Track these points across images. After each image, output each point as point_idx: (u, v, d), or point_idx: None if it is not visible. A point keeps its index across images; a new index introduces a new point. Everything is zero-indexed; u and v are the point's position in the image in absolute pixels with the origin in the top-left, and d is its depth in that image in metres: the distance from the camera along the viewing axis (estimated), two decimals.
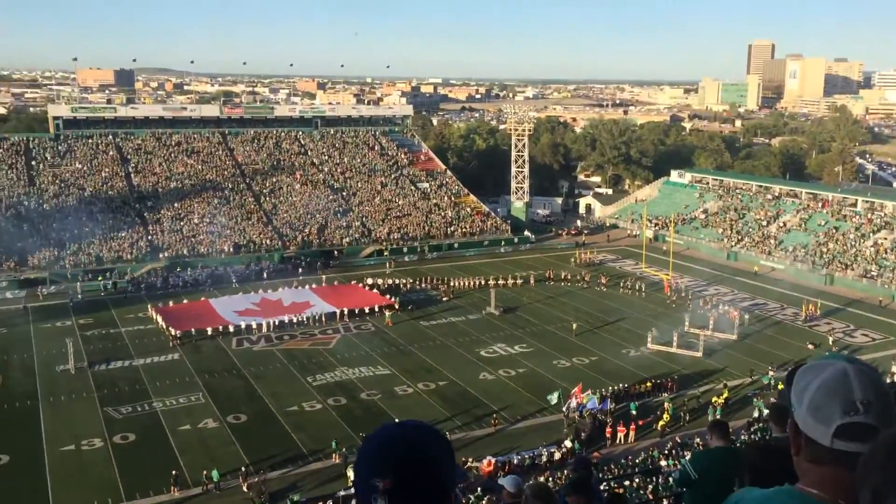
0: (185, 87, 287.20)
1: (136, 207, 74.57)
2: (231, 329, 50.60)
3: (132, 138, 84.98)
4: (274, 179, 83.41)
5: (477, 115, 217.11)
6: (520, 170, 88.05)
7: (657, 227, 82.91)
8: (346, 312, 54.21)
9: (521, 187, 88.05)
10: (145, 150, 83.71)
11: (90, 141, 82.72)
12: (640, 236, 77.67)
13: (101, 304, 57.04)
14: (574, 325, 51.27)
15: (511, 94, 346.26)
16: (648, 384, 40.91)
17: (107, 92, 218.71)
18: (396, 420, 2.52)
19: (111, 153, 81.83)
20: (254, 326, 51.05)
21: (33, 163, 77.82)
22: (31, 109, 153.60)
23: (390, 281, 63.32)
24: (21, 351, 46.49)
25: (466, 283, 62.73)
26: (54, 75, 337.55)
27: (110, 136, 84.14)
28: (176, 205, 75.28)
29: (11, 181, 73.94)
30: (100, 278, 61.73)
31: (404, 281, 63.64)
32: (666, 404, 38.44)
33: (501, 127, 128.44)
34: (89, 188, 75.48)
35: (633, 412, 37.71)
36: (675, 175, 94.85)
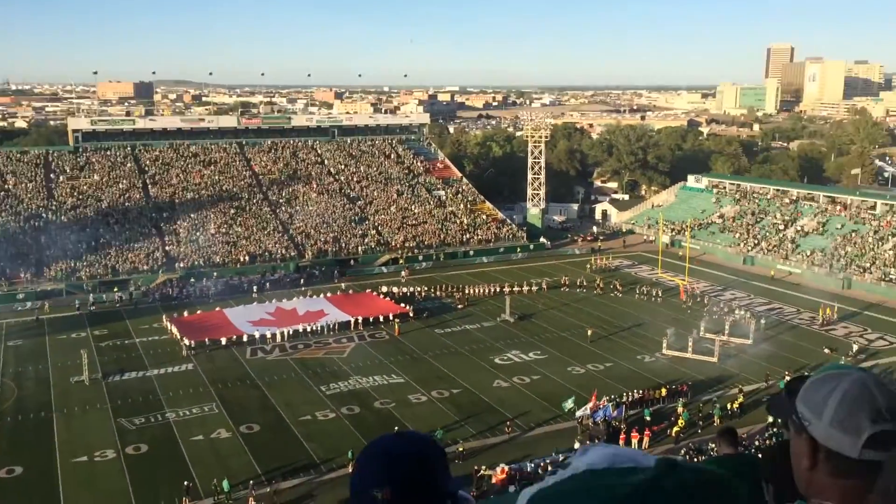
0: (204, 99, 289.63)
1: (152, 218, 75.11)
2: (245, 339, 50.68)
3: (150, 150, 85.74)
4: (290, 189, 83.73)
5: (494, 122, 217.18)
6: (536, 176, 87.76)
7: (673, 233, 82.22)
8: (360, 321, 54.14)
9: (538, 194, 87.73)
10: (163, 162, 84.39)
11: (109, 153, 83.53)
12: (656, 241, 77.07)
13: (115, 314, 57.37)
14: (589, 332, 50.87)
15: (528, 101, 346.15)
16: (663, 390, 40.40)
17: (126, 104, 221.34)
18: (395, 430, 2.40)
19: (129, 165, 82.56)
20: (268, 336, 51.10)
21: (52, 175, 78.68)
22: (52, 123, 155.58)
23: (406, 289, 63.21)
24: (36, 362, 46.84)
25: (482, 291, 62.49)
26: (74, 89, 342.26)
27: (128, 148, 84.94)
28: (192, 215, 75.74)
29: (31, 194, 74.79)
30: (115, 289, 62.14)
31: (419, 289, 63.51)
32: (680, 409, 37.95)
33: (518, 134, 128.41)
34: (107, 200, 76.14)
35: (647, 418, 37.26)
36: (691, 180, 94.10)
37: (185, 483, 31.04)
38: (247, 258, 70.00)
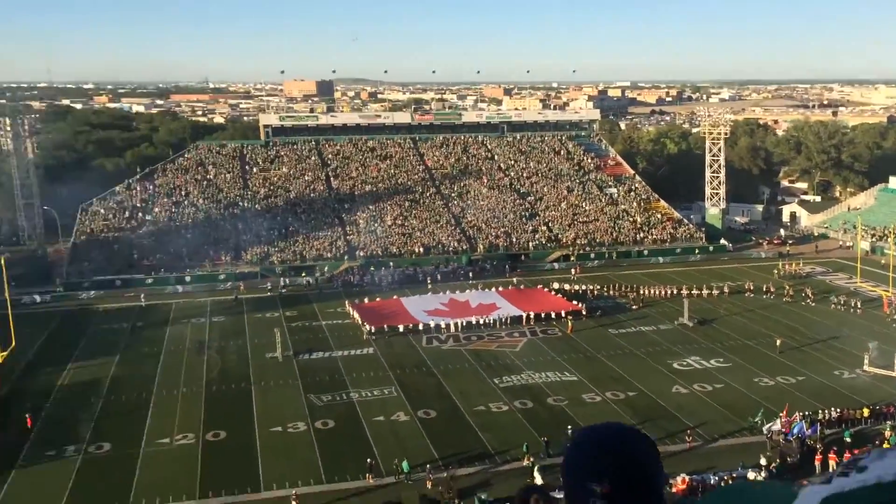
0: (379, 96, 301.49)
1: (335, 209, 79.13)
2: (421, 327, 52.20)
3: (332, 144, 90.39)
4: (462, 183, 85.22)
5: (667, 118, 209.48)
6: (715, 175, 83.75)
7: (874, 238, 75.51)
8: (532, 316, 54.14)
9: (717, 193, 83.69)
10: (343, 156, 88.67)
11: (295, 147, 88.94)
12: (853, 248, 71.12)
13: (304, 298, 61.03)
14: (777, 341, 47.76)
15: (705, 97, 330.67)
16: (865, 410, 37.14)
17: (310, 101, 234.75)
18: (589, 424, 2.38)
19: (313, 158, 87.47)
20: (442, 326, 52.32)
21: (247, 167, 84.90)
22: (245, 119, 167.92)
23: (577, 287, 62.50)
24: (236, 338, 50.84)
25: (657, 292, 60.51)
26: (264, 87, 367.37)
27: (313, 143, 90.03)
28: (371, 207, 79.02)
29: (229, 184, 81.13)
30: (303, 274, 66.19)
31: (591, 287, 62.56)
32: (887, 433, 34.78)
33: (694, 130, 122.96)
34: (294, 191, 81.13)
35: (847, 440, 34.41)
36: (893, 181, 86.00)
37: (368, 461, 32.46)
38: (421, 249, 72.07)
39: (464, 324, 52.71)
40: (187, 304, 58.98)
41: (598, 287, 62.71)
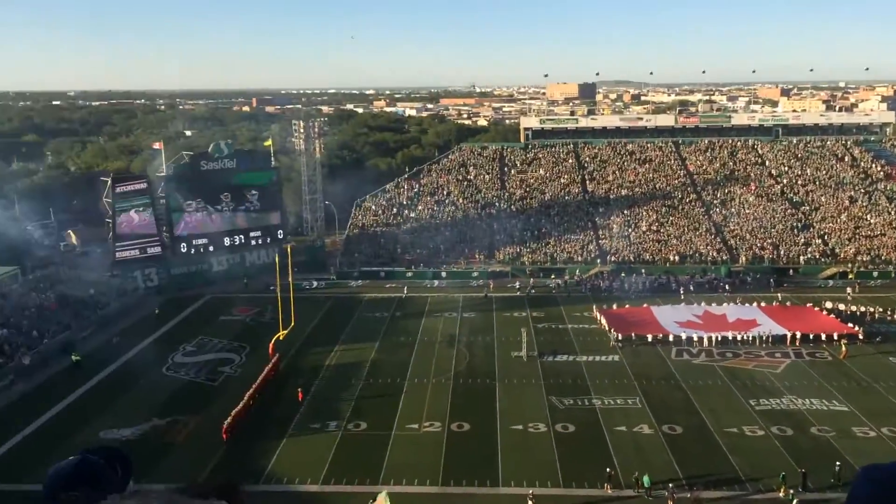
0: (643, 98, 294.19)
1: (588, 212, 78.64)
2: (671, 338, 50.12)
3: (590, 147, 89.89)
4: (726, 189, 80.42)
5: None
6: None
7: None
8: (798, 336, 49.60)
9: None
10: (601, 159, 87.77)
11: (553, 150, 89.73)
12: None
13: (551, 300, 61.46)
14: None
15: None
16: None
17: (570, 104, 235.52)
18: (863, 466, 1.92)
19: (570, 161, 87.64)
20: (695, 339, 49.81)
21: (505, 168, 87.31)
22: (507, 122, 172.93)
23: (854, 308, 56.16)
24: (484, 334, 52.57)
25: None
26: (527, 91, 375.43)
27: (571, 145, 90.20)
28: (625, 212, 77.40)
29: (487, 184, 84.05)
30: (552, 276, 66.67)
31: (871, 309, 55.88)
32: None
33: None
34: (549, 193, 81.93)
35: None
36: None
37: (608, 470, 31.84)
38: (676, 258, 69.17)
39: (718, 338, 49.76)
40: (441, 299, 62.11)
41: (880, 310, 55.83)
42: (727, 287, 63.62)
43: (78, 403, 41.47)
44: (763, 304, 57.05)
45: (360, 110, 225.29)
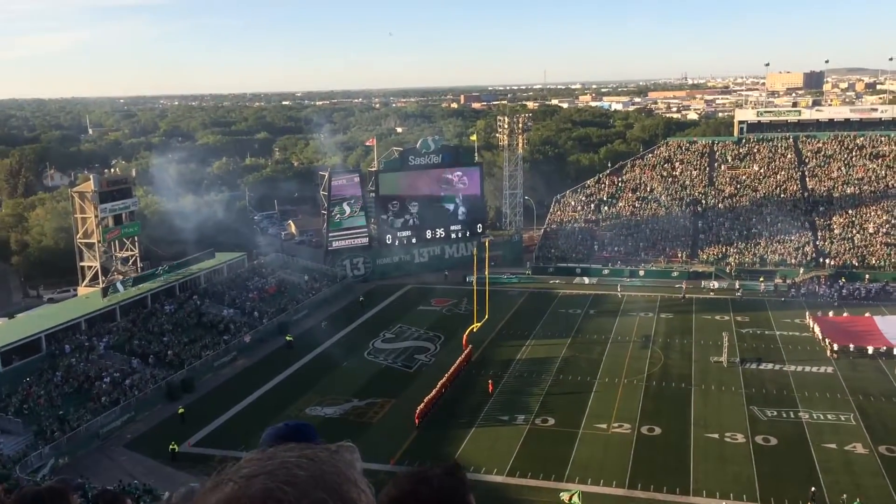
0: (878, 87, 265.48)
1: (806, 211, 72.63)
2: (895, 352, 45.15)
3: (812, 141, 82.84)
4: None
5: None
6: None
7: None
8: None
9: None
10: (824, 154, 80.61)
11: (770, 144, 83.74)
12: None
13: (759, 304, 57.63)
14: None
15: None
16: None
17: (793, 95, 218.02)
18: None
19: (789, 156, 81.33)
20: None
21: (715, 164, 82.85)
22: (720, 115, 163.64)
23: None
24: (682, 336, 50.43)
25: None
26: (745, 81, 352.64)
27: (790, 139, 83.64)
28: (850, 211, 70.57)
29: (694, 180, 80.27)
30: (761, 279, 62.34)
31: None
32: None
33: None
34: (763, 190, 76.63)
35: None
36: None
37: (812, 489, 29.51)
38: None
39: None
40: (638, 298, 60.30)
41: None
42: None
43: (289, 381, 45.28)
44: None
45: (565, 105, 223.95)
